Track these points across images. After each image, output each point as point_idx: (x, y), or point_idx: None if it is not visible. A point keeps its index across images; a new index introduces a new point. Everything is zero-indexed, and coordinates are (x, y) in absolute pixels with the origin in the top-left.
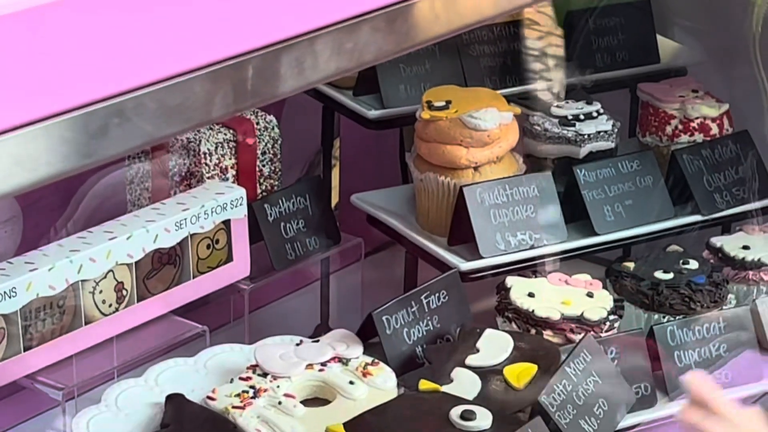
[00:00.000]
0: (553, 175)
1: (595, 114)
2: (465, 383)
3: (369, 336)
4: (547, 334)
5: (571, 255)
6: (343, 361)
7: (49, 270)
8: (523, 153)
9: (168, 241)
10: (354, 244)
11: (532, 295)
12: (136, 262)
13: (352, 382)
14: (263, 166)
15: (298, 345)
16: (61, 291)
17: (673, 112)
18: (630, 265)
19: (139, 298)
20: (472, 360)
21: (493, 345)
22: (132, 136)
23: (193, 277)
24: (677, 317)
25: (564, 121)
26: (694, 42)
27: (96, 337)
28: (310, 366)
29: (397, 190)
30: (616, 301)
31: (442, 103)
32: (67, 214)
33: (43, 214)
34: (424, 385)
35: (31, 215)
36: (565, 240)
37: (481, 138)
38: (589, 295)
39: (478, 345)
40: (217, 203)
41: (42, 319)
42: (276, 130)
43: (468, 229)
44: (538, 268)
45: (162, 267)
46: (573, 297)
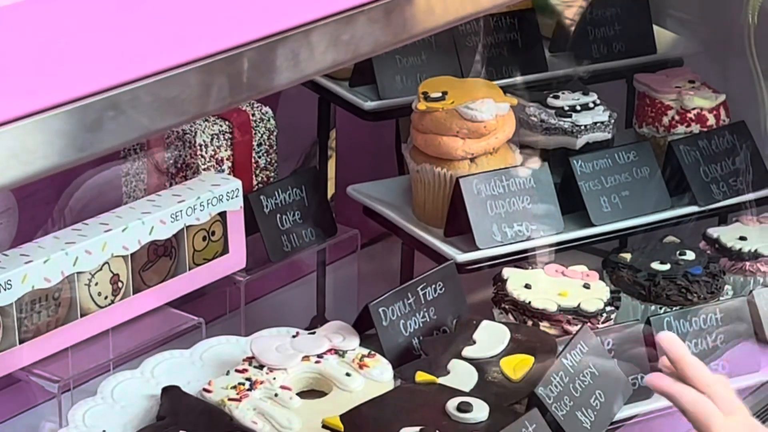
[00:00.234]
0: (550, 166)
1: (591, 105)
2: (462, 375)
3: (365, 328)
4: (544, 326)
5: (567, 246)
6: (339, 353)
7: (45, 262)
8: (520, 144)
9: (164, 233)
10: (350, 235)
11: (528, 286)
12: (132, 254)
13: (348, 374)
14: (259, 158)
15: (294, 337)
16: (56, 283)
17: (669, 102)
18: (627, 256)
19: (135, 290)
20: (468, 352)
21: (490, 337)
22: (127, 129)
23: (189, 269)
24: (674, 308)
25: (560, 112)
26: (690, 33)
27: (91, 329)
28: (306, 358)
29: (394, 181)
30: (612, 292)
31: (439, 94)
32: (60, 206)
33: (38, 206)
34: (421, 377)
35: (26, 208)
36: (562, 231)
37: (478, 129)
38: (586, 286)
39: (475, 337)
40: (213, 195)
41: (37, 311)
42: (272, 122)
43: (464, 220)
44: (534, 259)
45: (158, 259)
46: (570, 288)
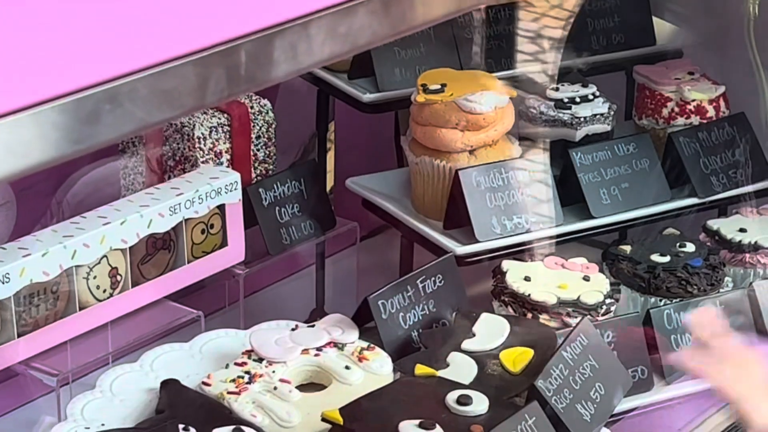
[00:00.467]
0: (549, 158)
1: (591, 97)
2: (461, 368)
3: (365, 321)
4: (544, 318)
5: (567, 238)
6: (338, 346)
7: (43, 255)
8: (519, 136)
9: (162, 226)
10: (349, 228)
11: (528, 279)
12: (131, 248)
13: (347, 367)
14: (258, 151)
15: (293, 330)
16: (54, 277)
17: (669, 94)
18: (626, 248)
19: (134, 284)
20: (468, 344)
21: (490, 329)
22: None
23: (188, 262)
24: (674, 300)
25: (560, 104)
26: (690, 24)
27: (90, 322)
28: (305, 351)
29: (393, 173)
30: (612, 284)
31: (438, 87)
32: (58, 199)
33: (36, 199)
34: (420, 369)
35: (24, 201)
36: (561, 223)
37: (477, 121)
38: (586, 278)
39: (474, 329)
40: (212, 188)
41: (36, 305)
42: (270, 114)
43: (464, 212)
44: (534, 251)
45: (156, 252)
46: (569, 281)
